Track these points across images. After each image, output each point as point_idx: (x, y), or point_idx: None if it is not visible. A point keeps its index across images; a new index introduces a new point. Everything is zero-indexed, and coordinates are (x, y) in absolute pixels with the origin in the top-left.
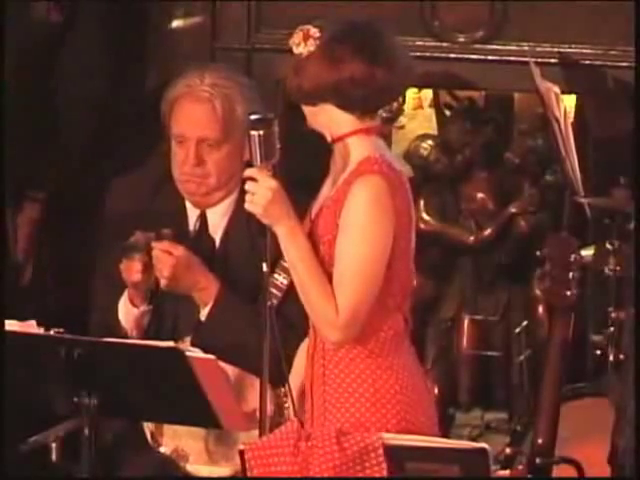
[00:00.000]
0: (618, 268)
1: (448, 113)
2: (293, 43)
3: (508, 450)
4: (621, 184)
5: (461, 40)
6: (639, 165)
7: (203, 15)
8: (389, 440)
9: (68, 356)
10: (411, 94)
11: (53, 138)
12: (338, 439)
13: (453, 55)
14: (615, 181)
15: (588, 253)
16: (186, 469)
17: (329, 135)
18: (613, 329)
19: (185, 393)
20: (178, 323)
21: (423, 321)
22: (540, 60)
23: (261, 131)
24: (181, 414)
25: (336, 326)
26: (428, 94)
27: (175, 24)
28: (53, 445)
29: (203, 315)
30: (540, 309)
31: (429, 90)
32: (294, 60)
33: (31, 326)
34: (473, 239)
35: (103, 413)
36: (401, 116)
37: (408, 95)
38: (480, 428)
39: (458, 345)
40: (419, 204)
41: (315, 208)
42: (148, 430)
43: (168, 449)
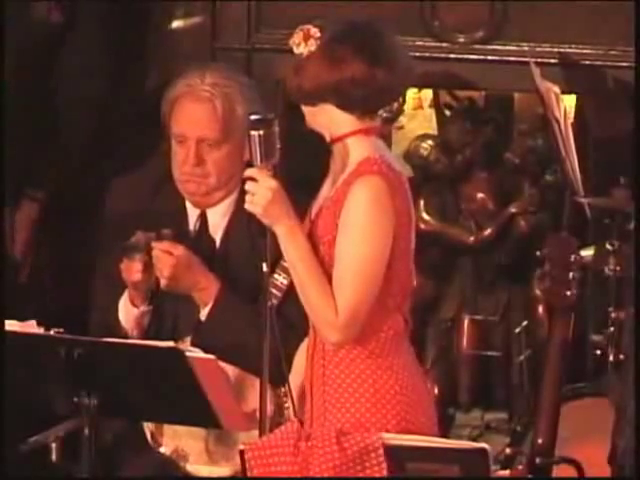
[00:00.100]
0: (618, 268)
1: (448, 113)
2: (293, 43)
3: (508, 450)
4: (621, 184)
5: (461, 40)
6: (639, 165)
7: (203, 15)
8: (389, 440)
9: (68, 356)
10: (411, 94)
11: (53, 138)
12: (338, 439)
13: (453, 55)
14: (615, 181)
15: (588, 253)
16: (186, 469)
17: (328, 135)
18: (613, 329)
19: (185, 393)
20: (178, 323)
21: (423, 321)
22: (540, 60)
23: (261, 131)
24: (181, 414)
25: (336, 327)
26: (428, 94)
27: (175, 24)
28: (53, 445)
29: (203, 315)
30: (540, 309)
31: (429, 90)
32: (294, 60)
33: (31, 326)
34: (473, 239)
35: (103, 413)
36: (401, 116)
37: (408, 95)
38: (480, 428)
39: (458, 345)
40: (419, 204)
41: (315, 208)
42: (148, 430)
43: (168, 449)
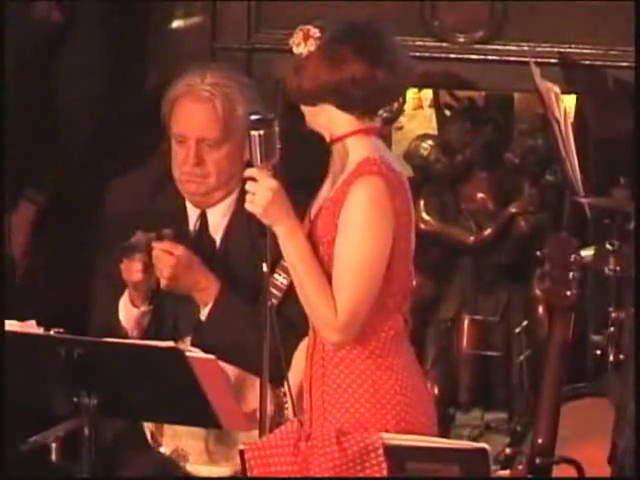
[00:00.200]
0: (618, 268)
1: (448, 113)
2: (293, 43)
3: (508, 450)
4: (621, 184)
5: (461, 40)
6: (639, 165)
7: (203, 15)
8: (389, 440)
9: (68, 356)
10: (411, 94)
11: (53, 138)
12: (338, 439)
13: (453, 55)
14: (615, 181)
15: (588, 253)
16: (186, 469)
17: (328, 135)
18: (613, 329)
19: (185, 393)
20: (178, 323)
21: (423, 321)
22: (540, 60)
23: (261, 131)
24: (181, 414)
25: (335, 327)
26: (428, 94)
27: (175, 24)
28: (53, 445)
29: (203, 315)
30: (540, 309)
31: (429, 90)
32: (294, 60)
33: (31, 326)
34: (473, 239)
35: (103, 413)
36: (401, 116)
37: (408, 95)
38: (480, 428)
39: (458, 345)
40: (419, 204)
41: (314, 209)
42: (148, 430)
43: (168, 449)
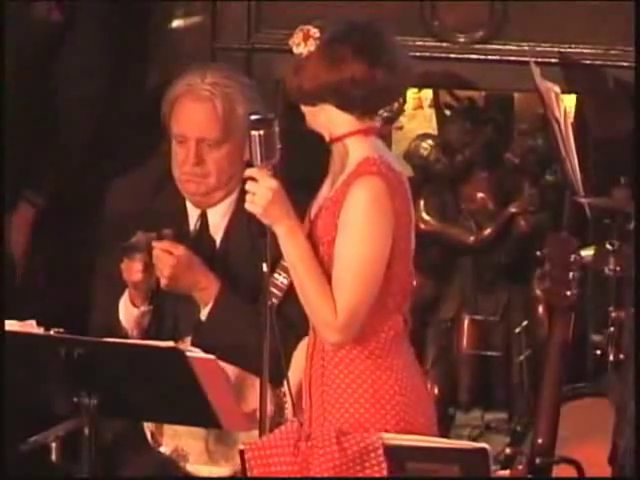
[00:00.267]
0: (618, 268)
1: (448, 113)
2: (293, 43)
3: (508, 450)
4: (621, 184)
5: (461, 40)
6: (639, 165)
7: (203, 15)
8: (389, 440)
9: (68, 356)
10: (411, 94)
11: (53, 138)
12: (338, 439)
13: (453, 55)
14: (615, 181)
15: (588, 253)
16: (186, 469)
17: (328, 135)
18: (613, 329)
19: (185, 393)
20: (178, 323)
21: (423, 321)
22: (540, 60)
23: (261, 131)
24: (181, 414)
25: (335, 327)
26: (428, 94)
27: (175, 24)
28: (53, 445)
29: (203, 315)
30: (540, 309)
31: (429, 90)
32: (294, 60)
33: (31, 326)
34: (473, 239)
35: (103, 413)
36: (401, 116)
37: (408, 95)
38: (480, 428)
39: (458, 345)
40: (419, 204)
41: (314, 209)
42: (148, 430)
43: (168, 449)
